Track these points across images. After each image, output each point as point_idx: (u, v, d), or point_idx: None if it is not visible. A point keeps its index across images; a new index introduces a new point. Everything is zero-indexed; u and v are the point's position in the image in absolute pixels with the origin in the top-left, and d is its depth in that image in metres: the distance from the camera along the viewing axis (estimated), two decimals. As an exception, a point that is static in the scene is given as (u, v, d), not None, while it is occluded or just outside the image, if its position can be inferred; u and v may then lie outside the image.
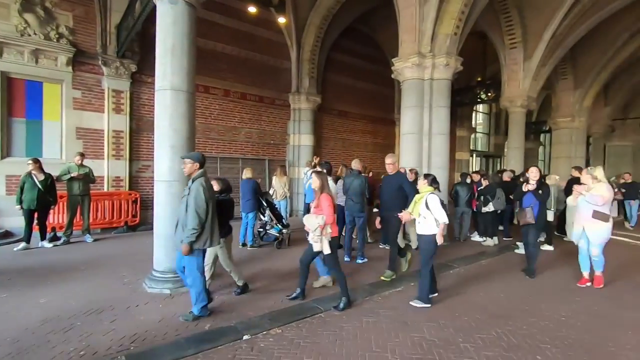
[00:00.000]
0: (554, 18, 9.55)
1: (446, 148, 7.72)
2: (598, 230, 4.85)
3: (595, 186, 4.86)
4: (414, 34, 7.30)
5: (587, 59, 12.77)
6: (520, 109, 11.08)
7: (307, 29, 10.85)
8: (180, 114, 4.47)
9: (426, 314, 3.97)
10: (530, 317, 3.98)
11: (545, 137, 21.28)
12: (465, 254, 6.75)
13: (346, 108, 13.19)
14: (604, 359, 3.11)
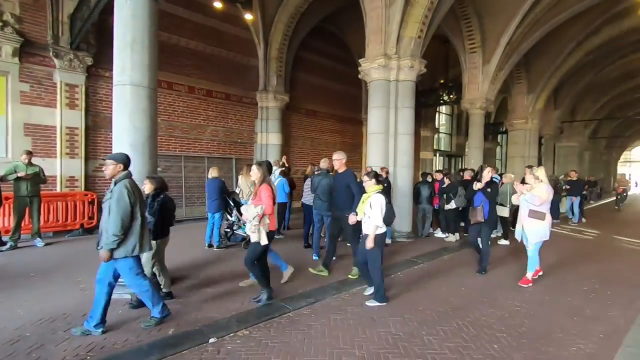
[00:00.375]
0: (510, 25, 10.11)
1: (411, 147, 7.95)
2: (535, 229, 4.95)
3: (536, 186, 4.97)
4: (380, 35, 7.45)
5: (539, 65, 13.64)
6: (479, 111, 11.64)
7: (274, 26, 10.76)
8: (141, 111, 4.28)
9: (392, 309, 4.08)
10: (489, 308, 4.20)
11: (502, 138, 22.48)
12: (428, 250, 7.01)
13: (315, 107, 13.23)
14: (553, 344, 3.35)
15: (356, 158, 14.78)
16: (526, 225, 5.02)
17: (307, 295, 4.36)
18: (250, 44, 10.97)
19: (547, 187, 4.95)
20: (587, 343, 3.39)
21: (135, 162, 4.21)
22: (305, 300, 4.20)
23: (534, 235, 4.98)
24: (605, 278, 5.51)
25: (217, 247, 6.70)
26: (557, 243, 8.42)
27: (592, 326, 3.77)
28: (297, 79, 12.43)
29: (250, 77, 11.15)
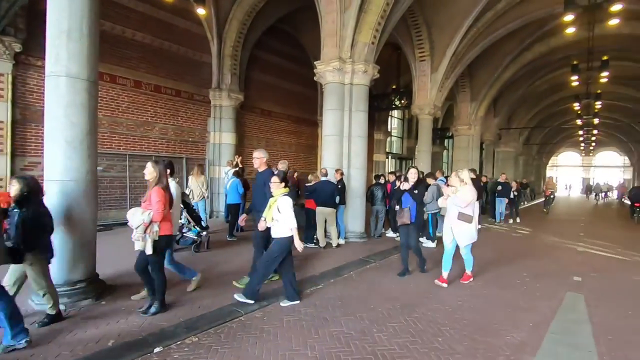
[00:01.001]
0: (455, 37, 10.78)
1: (365, 150, 8.17)
2: (463, 231, 4.95)
3: (461, 189, 4.96)
4: (335, 39, 7.57)
5: (481, 76, 14.71)
6: (428, 116, 12.27)
7: (229, 23, 10.48)
8: (79, 105, 3.94)
9: (345, 308, 4.15)
10: (435, 303, 4.44)
11: (448, 142, 23.90)
12: (380, 249, 7.23)
13: (270, 107, 13.10)
14: (490, 335, 3.62)
15: (312, 159, 14.87)
16: (455, 228, 5.00)
17: (259, 297, 4.29)
18: (203, 40, 10.58)
19: (471, 189, 4.96)
20: (519, 332, 3.71)
21: (72, 159, 3.89)
22: (257, 304, 4.13)
23: (464, 238, 5.00)
24: (535, 272, 6.06)
25: (165, 251, 6.36)
26: (494, 241, 9.12)
27: (523, 316, 4.12)
28: (252, 78, 12.22)
29: (203, 74, 10.76)
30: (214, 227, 8.66)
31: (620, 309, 4.46)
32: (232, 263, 5.88)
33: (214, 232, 8.13)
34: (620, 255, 7.76)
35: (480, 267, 6.23)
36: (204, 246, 6.71)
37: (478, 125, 15.85)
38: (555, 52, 14.49)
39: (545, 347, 3.40)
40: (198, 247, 6.58)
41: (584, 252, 7.97)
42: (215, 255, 6.42)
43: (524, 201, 20.54)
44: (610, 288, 5.36)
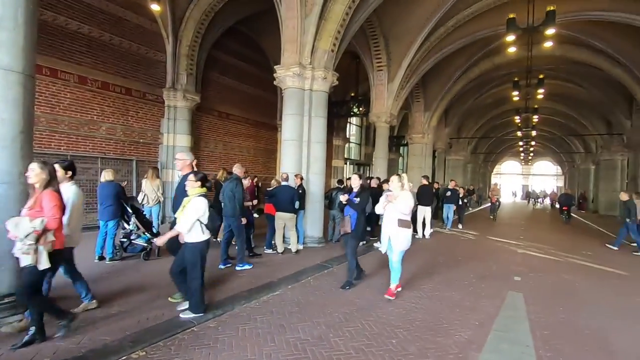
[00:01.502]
0: (410, 50, 11.30)
1: (323, 155, 8.25)
2: (402, 237, 4.76)
3: (401, 194, 4.77)
4: (295, 45, 7.60)
5: (433, 88, 15.53)
6: (384, 124, 12.69)
7: (185, 22, 10.14)
8: (12, 100, 3.57)
9: (302, 315, 4.13)
10: (389, 306, 4.56)
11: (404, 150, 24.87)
12: (337, 254, 7.30)
13: (228, 110, 12.81)
14: (441, 334, 3.79)
15: (271, 164, 14.74)
16: (394, 235, 4.77)
17: (213, 306, 4.14)
18: (157, 37, 10.13)
19: (410, 194, 4.83)
20: (467, 331, 3.92)
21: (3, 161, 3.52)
22: (211, 313, 3.98)
23: (401, 243, 4.78)
24: (480, 273, 6.46)
25: (110, 260, 5.95)
26: (444, 245, 9.59)
27: (470, 316, 4.37)
28: (209, 79, 11.89)
29: (157, 72, 10.28)
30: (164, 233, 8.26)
31: (554, 305, 4.88)
32: (185, 271, 5.61)
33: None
34: (553, 256, 8.51)
35: (431, 270, 6.53)
36: (154, 253, 6.36)
37: (431, 134, 16.67)
38: (499, 68, 15.70)
39: (490, 344, 3.62)
40: (148, 254, 6.22)
41: (523, 254, 8.64)
42: (167, 262, 6.08)
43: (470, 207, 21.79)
44: (545, 286, 5.85)
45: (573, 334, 3.97)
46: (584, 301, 5.18)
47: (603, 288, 5.93)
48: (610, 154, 21.02)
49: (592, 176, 26.56)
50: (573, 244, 10.40)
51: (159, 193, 7.79)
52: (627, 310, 4.86)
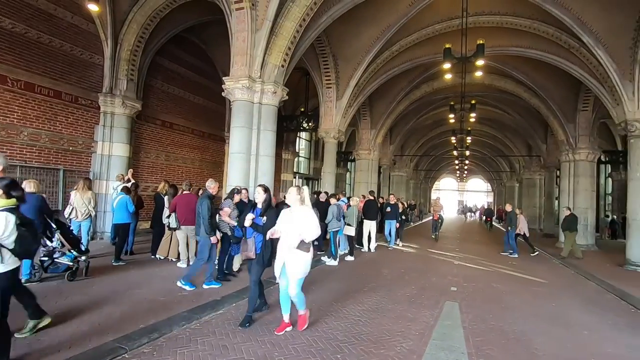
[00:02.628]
0: (358, 70, 11.82)
1: (272, 169, 8.19)
2: (299, 262, 3.91)
3: (299, 210, 3.93)
4: (245, 58, 7.56)
5: (379, 107, 16.30)
6: (333, 140, 12.99)
7: (127, 25, 9.59)
8: None
9: (247, 334, 3.98)
10: (335, 320, 4.58)
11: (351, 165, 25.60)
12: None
13: (172, 120, 12.24)
14: (384, 346, 3.88)
15: (217, 176, 14.25)
16: (291, 261, 3.89)
17: (149, 330, 3.84)
18: (94, 39, 9.44)
19: (311, 212, 4.05)
20: (408, 341, 4.06)
21: None
22: (147, 337, 3.69)
23: (298, 269, 3.92)
24: (421, 285, 6.78)
25: (27, 282, 5.26)
26: (387, 259, 9.94)
27: (411, 326, 4.54)
28: (153, 86, 11.32)
29: (93, 76, 9.54)
30: (96, 251, 7.57)
31: (485, 313, 5.26)
32: (116, 292, 5.16)
33: (96, 256, 7.10)
34: (484, 266, 9.23)
35: (376, 283, 6.70)
36: (81, 273, 5.76)
37: (377, 151, 17.39)
38: (438, 92, 16.97)
39: (429, 353, 3.79)
40: (73, 274, 5.62)
41: (459, 265, 9.26)
42: (96, 282, 5.57)
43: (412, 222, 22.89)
44: (478, 295, 6.30)
45: (501, 339, 4.30)
46: (510, 307, 5.66)
47: (526, 295, 6.53)
48: (531, 173, 23.60)
49: (516, 193, 29.50)
50: (498, 254, 11.37)
51: (91, 207, 7.12)
52: (546, 314, 5.40)
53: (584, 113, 13.31)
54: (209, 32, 11.81)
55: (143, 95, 10.58)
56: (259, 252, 4.26)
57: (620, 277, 8.27)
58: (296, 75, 14.09)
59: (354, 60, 11.75)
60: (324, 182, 13.50)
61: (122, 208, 7.04)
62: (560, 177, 15.32)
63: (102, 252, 7.63)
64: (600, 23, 9.03)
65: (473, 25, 10.28)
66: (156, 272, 6.44)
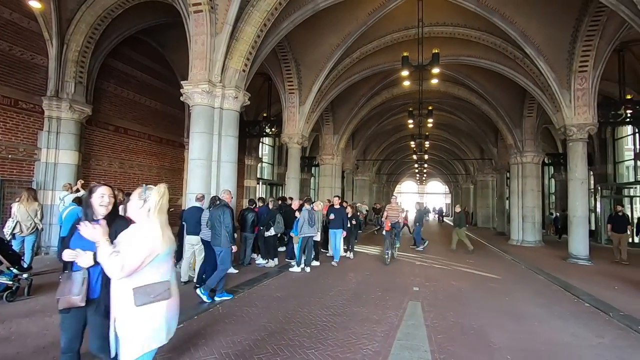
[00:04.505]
0: (320, 76, 11.93)
1: (234, 175, 8.03)
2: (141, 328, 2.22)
3: (136, 228, 2.30)
4: (205, 62, 7.37)
5: (342, 112, 16.56)
6: (296, 145, 12.98)
7: (75, 24, 9.00)
8: None
9: (209, 347, 3.83)
10: (301, 327, 4.54)
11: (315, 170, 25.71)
12: (250, 277, 7.07)
13: (127, 125, 11.62)
14: (350, 350, 3.90)
15: (177, 184, 13.72)
16: (125, 324, 2.23)
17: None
18: (37, 38, 8.76)
19: (152, 231, 2.25)
20: (374, 343, 4.11)
21: None
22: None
23: (136, 342, 2.23)
24: (386, 287, 6.92)
25: (-43, 305, 4.72)
26: (354, 262, 10.04)
27: (376, 328, 4.61)
28: (105, 90, 10.70)
29: (35, 78, 8.83)
30: (41, 267, 6.97)
31: (446, 311, 5.46)
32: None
33: (41, 273, 6.54)
34: (444, 265, 9.61)
35: (342, 287, 6.74)
36: (22, 293, 5.27)
37: (340, 156, 17.62)
38: (397, 98, 17.56)
39: (394, 353, 3.86)
40: (13, 294, 5.12)
41: (421, 265, 9.56)
42: (39, 303, 5.11)
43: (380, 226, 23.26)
44: (439, 294, 6.53)
45: (461, 335, 4.48)
46: (468, 304, 5.92)
47: (482, 291, 6.87)
48: (484, 175, 25.04)
49: (472, 194, 31.12)
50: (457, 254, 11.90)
51: (37, 219, 6.56)
52: (501, 308, 5.71)
53: (529, 119, 14.38)
54: (167, 34, 11.39)
55: (94, 100, 9.95)
56: (97, 296, 2.49)
57: (563, 270, 8.97)
58: (258, 80, 13.96)
59: (316, 66, 11.86)
60: (288, 188, 13.43)
61: (72, 220, 6.52)
62: (510, 178, 16.37)
63: (47, 269, 7.03)
64: (541, 36, 9.83)
65: (428, 35, 10.79)
66: (110, 287, 6.04)
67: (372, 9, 10.19)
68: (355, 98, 15.80)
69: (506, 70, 11.90)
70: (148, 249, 2.21)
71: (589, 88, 9.96)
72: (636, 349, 4.22)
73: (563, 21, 9.46)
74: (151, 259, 2.23)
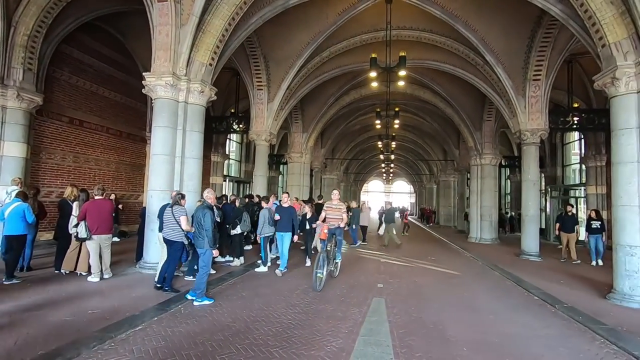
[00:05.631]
0: (289, 73, 11.87)
1: (199, 172, 7.81)
2: None
3: None
4: (169, 53, 7.09)
5: (311, 111, 16.57)
6: (264, 142, 12.84)
7: (24, 6, 8.32)
8: None
9: (168, 350, 3.71)
10: (265, 326, 4.50)
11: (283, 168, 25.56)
12: (215, 277, 6.89)
13: (83, 117, 10.95)
14: (315, 347, 3.92)
15: (138, 180, 13.13)
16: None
17: (51, 355, 3.36)
18: (-21, 19, 8.02)
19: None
20: (337, 340, 4.16)
21: None
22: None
23: None
24: (351, 284, 7.03)
25: None
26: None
27: (341, 325, 4.67)
28: (58, 79, 10.03)
29: (-23, 62, 8.10)
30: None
31: (408, 306, 5.64)
32: (8, 315, 4.42)
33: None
34: (407, 262, 9.92)
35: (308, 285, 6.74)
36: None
37: (308, 154, 17.64)
38: (365, 99, 17.85)
39: (358, 349, 3.93)
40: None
41: (385, 263, 9.80)
42: (-20, 307, 4.71)
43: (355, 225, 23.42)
44: (401, 290, 6.73)
45: (421, 329, 4.65)
46: (429, 299, 6.15)
47: (442, 286, 7.17)
48: (446, 175, 26.11)
49: (435, 194, 32.32)
50: (420, 251, 12.33)
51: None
52: (459, 302, 5.99)
53: (488, 123, 15.14)
54: (128, 22, 10.84)
55: (45, 88, 9.29)
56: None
57: (516, 265, 9.55)
58: (226, 75, 13.65)
59: (286, 63, 11.79)
60: (256, 185, 13.26)
61: (17, 217, 6.03)
62: (470, 179, 17.19)
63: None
64: (500, 45, 10.38)
65: (396, 38, 11.06)
66: (61, 289, 5.67)
67: (342, 9, 10.28)
68: (325, 97, 15.88)
69: (468, 76, 12.45)
70: None
71: (541, 96, 10.65)
72: (578, 337, 4.58)
73: (520, 32, 10.05)
74: None
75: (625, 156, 5.98)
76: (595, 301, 6.14)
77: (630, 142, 5.89)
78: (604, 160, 13.57)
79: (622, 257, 5.94)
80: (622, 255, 5.96)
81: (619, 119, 6.11)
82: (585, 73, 12.75)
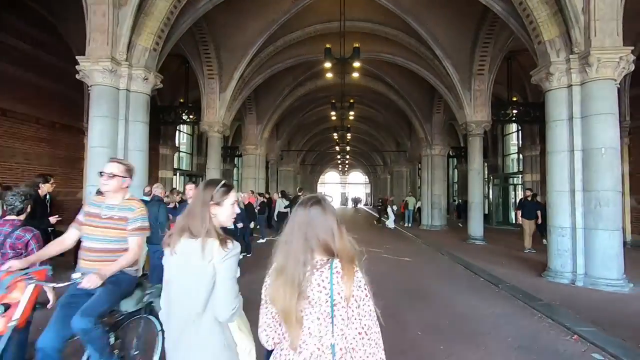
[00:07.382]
0: (242, 62, 11.45)
1: (145, 165, 7.32)
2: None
3: None
4: (106, 36, 6.48)
5: (265, 102, 16.23)
6: (217, 134, 12.34)
7: None
8: None
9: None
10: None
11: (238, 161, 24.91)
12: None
13: (6, 105, 9.72)
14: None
15: (75, 175, 12.00)
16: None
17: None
18: None
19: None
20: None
21: None
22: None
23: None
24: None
25: None
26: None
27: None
28: (-28, 61, 8.77)
29: None
30: None
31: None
32: None
33: None
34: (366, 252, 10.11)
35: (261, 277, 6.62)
36: None
37: (264, 146, 17.31)
38: (321, 90, 17.82)
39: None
40: None
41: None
42: None
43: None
44: (359, 279, 6.83)
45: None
46: (384, 286, 6.30)
47: (396, 273, 7.41)
48: (399, 166, 27.04)
49: (388, 184, 33.40)
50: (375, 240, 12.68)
51: None
52: (412, 288, 6.22)
53: (437, 115, 15.84)
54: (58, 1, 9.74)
55: (-44, 72, 8.10)
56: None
57: (464, 250, 10.16)
58: (174, 62, 12.84)
59: (238, 52, 11.36)
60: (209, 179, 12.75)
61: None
62: (421, 169, 17.95)
63: None
64: (448, 40, 10.81)
65: (350, 30, 11.07)
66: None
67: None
68: (280, 88, 15.61)
69: (419, 69, 12.88)
70: None
71: (485, 89, 11.31)
72: (519, 314, 4.95)
73: (466, 27, 10.53)
74: None
75: (559, 145, 6.53)
76: (533, 279, 6.70)
77: (563, 132, 6.43)
78: (539, 150, 14.81)
79: (555, 238, 6.52)
80: (555, 236, 6.53)
81: (553, 111, 6.64)
82: (522, 69, 13.74)
